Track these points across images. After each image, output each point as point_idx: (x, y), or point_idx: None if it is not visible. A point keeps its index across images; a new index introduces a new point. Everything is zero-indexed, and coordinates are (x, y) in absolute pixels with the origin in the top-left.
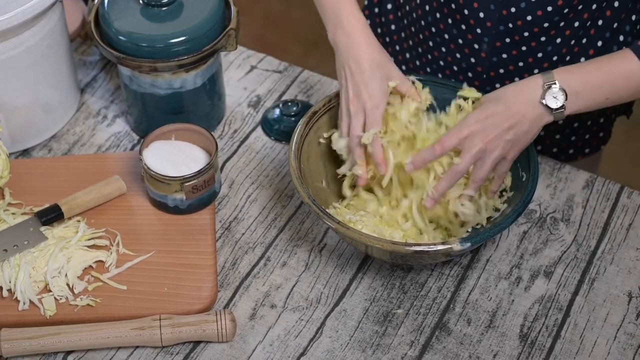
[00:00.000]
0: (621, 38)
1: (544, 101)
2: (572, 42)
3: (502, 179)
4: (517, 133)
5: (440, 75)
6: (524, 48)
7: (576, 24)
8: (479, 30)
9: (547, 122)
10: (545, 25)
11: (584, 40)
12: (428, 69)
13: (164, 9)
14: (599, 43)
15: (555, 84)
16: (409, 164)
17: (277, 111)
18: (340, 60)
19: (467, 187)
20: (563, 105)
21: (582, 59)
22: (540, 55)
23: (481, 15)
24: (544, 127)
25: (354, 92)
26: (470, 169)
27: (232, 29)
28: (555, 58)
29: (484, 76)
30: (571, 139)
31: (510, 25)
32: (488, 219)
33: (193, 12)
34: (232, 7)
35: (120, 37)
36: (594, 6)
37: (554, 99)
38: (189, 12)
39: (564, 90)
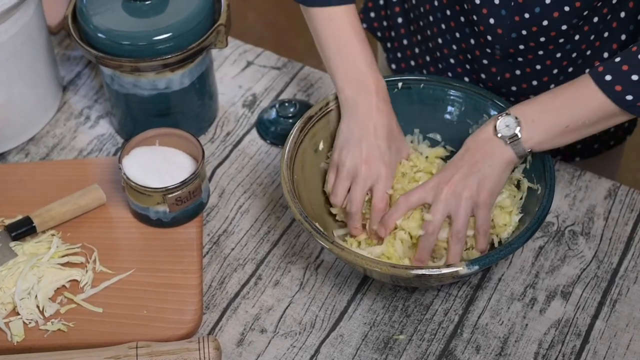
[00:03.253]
0: None
1: (498, 132)
2: (592, 37)
3: (485, 233)
4: (482, 169)
5: (450, 74)
6: (540, 52)
7: (595, 19)
8: (489, 38)
9: (511, 158)
10: (564, 27)
11: (606, 34)
12: (440, 65)
13: (147, 2)
14: (623, 37)
15: (506, 114)
16: (379, 228)
17: (273, 112)
18: (357, 120)
19: (448, 248)
20: (516, 134)
21: (605, 54)
22: (559, 55)
23: (491, 21)
24: None
25: (368, 153)
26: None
27: (221, 25)
28: (574, 55)
29: (498, 78)
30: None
31: (524, 32)
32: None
33: (179, 7)
34: (222, 0)
35: (100, 35)
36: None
37: (506, 127)
38: (175, 6)
39: (516, 119)
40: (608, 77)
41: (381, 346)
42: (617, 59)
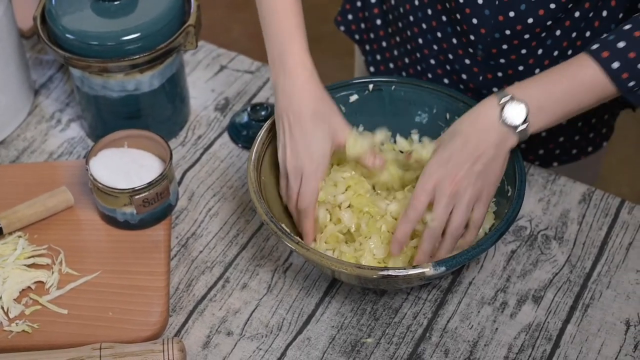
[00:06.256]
0: None
1: (505, 119)
2: (574, 34)
3: (478, 228)
4: (485, 163)
5: (430, 76)
6: (523, 51)
7: (577, 14)
8: (472, 37)
9: (513, 144)
10: (549, 23)
11: (588, 33)
12: (419, 67)
13: (116, 3)
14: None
15: (512, 99)
16: (393, 245)
17: (245, 116)
18: (279, 108)
19: (441, 243)
20: (526, 119)
21: None
22: (540, 52)
23: (474, 21)
24: (547, 130)
25: (291, 150)
26: None
27: (190, 26)
28: (556, 53)
29: (480, 78)
30: (575, 138)
31: (508, 32)
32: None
33: (148, 7)
34: (192, 1)
35: (68, 35)
36: None
37: (516, 114)
38: (144, 6)
39: (524, 103)
40: (616, 65)
41: (348, 349)
42: (621, 45)
